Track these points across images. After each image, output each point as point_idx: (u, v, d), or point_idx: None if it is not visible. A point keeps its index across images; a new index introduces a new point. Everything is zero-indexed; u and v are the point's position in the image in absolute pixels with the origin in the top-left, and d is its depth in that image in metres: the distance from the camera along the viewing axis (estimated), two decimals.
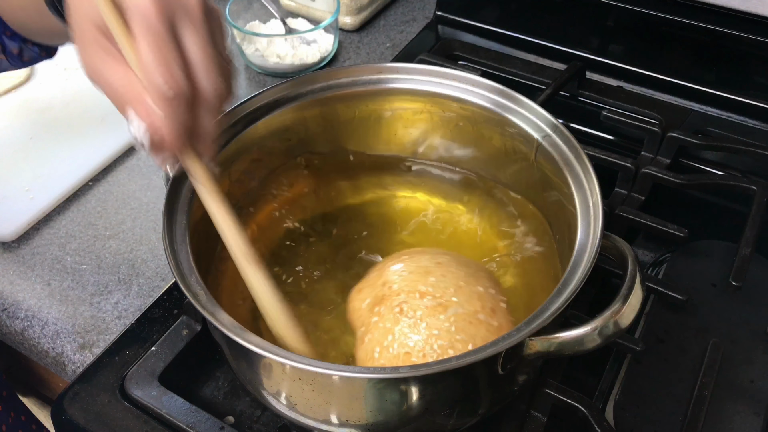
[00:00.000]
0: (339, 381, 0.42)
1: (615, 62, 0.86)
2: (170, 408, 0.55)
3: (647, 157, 0.74)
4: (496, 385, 0.47)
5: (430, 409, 0.44)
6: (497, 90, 0.59)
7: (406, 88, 0.61)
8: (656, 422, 0.55)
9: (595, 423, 0.51)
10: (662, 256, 0.70)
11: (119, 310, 0.66)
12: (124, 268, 0.70)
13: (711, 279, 0.65)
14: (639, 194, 0.71)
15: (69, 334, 0.64)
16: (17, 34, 0.64)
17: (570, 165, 0.52)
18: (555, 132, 0.54)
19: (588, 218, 0.48)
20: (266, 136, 0.60)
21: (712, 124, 0.79)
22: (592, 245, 0.46)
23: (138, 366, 0.59)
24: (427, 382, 0.42)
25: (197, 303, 0.44)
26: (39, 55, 0.67)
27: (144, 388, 0.57)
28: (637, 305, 0.44)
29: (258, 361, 0.46)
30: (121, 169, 0.80)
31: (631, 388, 0.58)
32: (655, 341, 0.61)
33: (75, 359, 0.63)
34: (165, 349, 0.60)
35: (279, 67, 0.91)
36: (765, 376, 0.58)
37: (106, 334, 0.64)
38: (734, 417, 0.56)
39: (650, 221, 0.65)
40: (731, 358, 0.59)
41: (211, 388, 0.61)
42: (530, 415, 0.53)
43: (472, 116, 0.60)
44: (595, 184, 0.49)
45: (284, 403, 0.48)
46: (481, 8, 0.94)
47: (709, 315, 0.63)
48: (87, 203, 0.76)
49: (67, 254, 0.71)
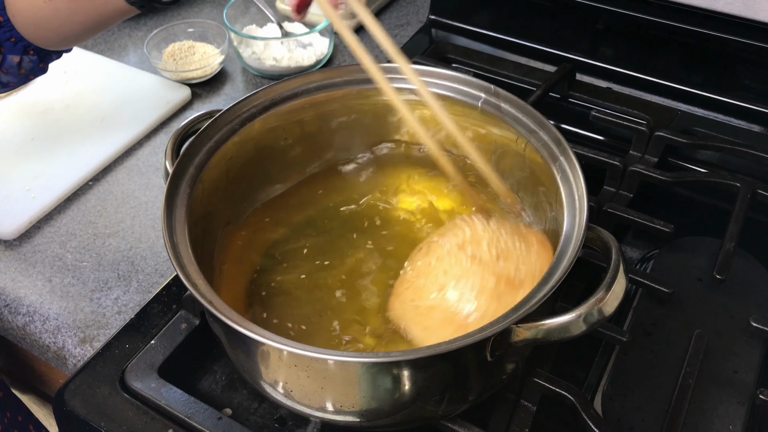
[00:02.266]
0: (333, 366, 0.44)
1: (604, 64, 0.88)
2: (169, 399, 0.57)
3: (635, 156, 0.76)
4: (485, 372, 0.49)
5: (422, 394, 0.46)
6: (487, 89, 0.60)
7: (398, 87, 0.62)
8: (643, 411, 0.57)
9: (583, 411, 0.53)
10: (650, 252, 0.71)
11: (119, 306, 0.67)
12: (124, 265, 0.71)
13: (697, 274, 0.67)
14: (627, 192, 0.72)
15: (70, 329, 0.66)
16: (21, 41, 0.65)
17: (557, 160, 0.54)
18: (543, 129, 0.56)
19: (573, 210, 0.50)
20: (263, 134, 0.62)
21: (698, 124, 0.81)
22: (577, 236, 0.47)
23: (138, 359, 0.60)
24: (418, 366, 0.44)
25: (196, 292, 0.45)
26: (37, 66, 0.69)
27: (144, 380, 0.58)
28: (621, 293, 0.46)
29: (255, 348, 0.47)
30: (121, 169, 0.81)
31: (619, 378, 0.59)
32: (642, 334, 0.62)
33: (76, 353, 0.65)
34: (164, 343, 0.61)
35: (275, 69, 0.92)
36: (748, 366, 0.60)
37: (106, 329, 0.65)
38: (719, 406, 0.57)
39: (637, 217, 0.67)
40: (716, 349, 0.61)
41: (209, 382, 0.62)
42: (520, 405, 0.55)
43: (462, 114, 0.61)
44: (581, 178, 0.51)
45: (281, 391, 0.50)
46: (473, 12, 0.96)
47: (694, 308, 0.64)
48: (87, 202, 0.78)
49: (67, 252, 0.73)
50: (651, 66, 0.87)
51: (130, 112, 0.86)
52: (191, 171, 0.55)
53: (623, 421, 0.56)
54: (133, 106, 0.87)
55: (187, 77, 0.91)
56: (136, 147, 0.84)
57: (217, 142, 0.58)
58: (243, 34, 0.93)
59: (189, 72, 0.90)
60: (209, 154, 0.57)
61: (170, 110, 0.87)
